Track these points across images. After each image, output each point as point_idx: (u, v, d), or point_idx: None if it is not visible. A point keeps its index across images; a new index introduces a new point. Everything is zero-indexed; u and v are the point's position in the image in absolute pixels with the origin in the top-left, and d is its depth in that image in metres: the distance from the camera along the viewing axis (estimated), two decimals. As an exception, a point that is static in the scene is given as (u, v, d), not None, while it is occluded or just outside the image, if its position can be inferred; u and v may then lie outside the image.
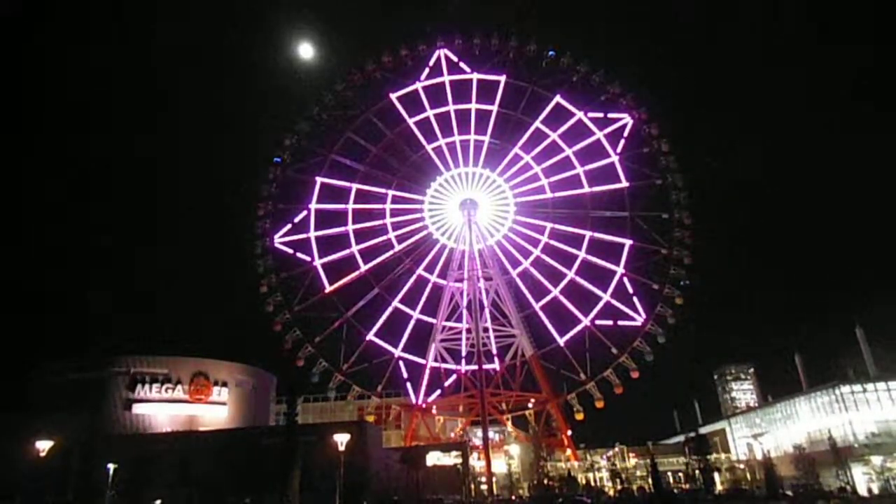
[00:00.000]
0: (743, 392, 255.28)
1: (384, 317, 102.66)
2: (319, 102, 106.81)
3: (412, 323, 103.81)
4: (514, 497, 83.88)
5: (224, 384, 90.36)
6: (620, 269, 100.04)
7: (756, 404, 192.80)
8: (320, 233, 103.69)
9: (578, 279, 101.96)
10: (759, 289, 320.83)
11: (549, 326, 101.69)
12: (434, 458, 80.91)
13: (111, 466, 64.65)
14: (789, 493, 73.12)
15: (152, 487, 66.03)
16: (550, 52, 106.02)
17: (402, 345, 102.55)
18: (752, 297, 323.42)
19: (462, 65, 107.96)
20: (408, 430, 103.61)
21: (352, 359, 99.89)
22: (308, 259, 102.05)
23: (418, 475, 71.94)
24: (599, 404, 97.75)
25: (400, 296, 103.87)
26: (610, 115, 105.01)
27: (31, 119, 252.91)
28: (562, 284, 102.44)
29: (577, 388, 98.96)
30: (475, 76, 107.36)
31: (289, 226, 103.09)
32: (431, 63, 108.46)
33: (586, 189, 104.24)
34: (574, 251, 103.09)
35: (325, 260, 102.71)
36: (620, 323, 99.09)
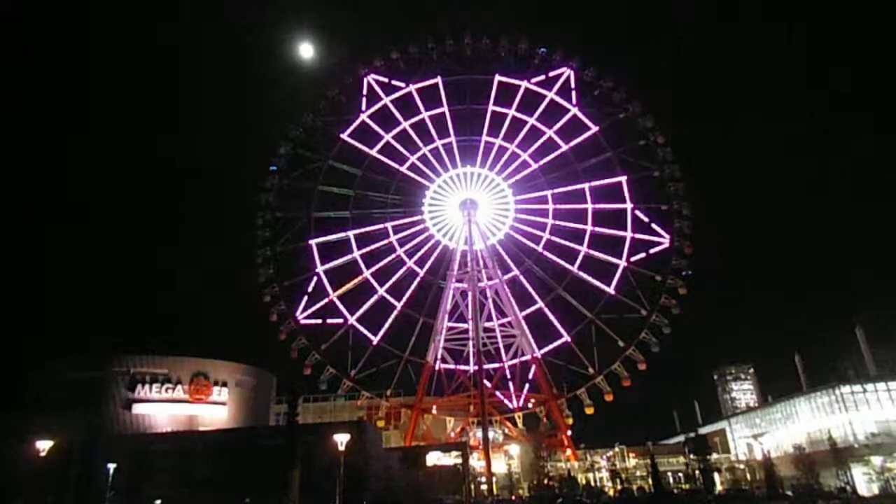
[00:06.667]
0: (743, 392, 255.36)
1: (390, 320, 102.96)
2: (313, 109, 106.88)
3: (419, 325, 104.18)
4: (514, 497, 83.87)
5: (224, 384, 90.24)
6: (623, 263, 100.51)
7: (756, 404, 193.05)
8: (321, 239, 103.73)
9: (581, 274, 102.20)
10: (759, 289, 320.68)
11: (556, 322, 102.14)
12: (434, 458, 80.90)
13: (111, 466, 64.67)
14: (789, 493, 73.22)
15: (152, 487, 66.03)
16: (542, 50, 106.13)
17: (409, 347, 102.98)
18: (752, 297, 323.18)
19: (455, 65, 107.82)
20: (408, 430, 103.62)
21: (360, 364, 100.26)
22: (310, 266, 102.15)
23: (418, 475, 72.00)
24: (609, 398, 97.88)
25: (405, 299, 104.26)
26: (604, 110, 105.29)
27: (32, 119, 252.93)
28: (565, 281, 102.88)
29: (584, 382, 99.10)
30: (468, 76, 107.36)
31: (289, 234, 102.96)
32: (423, 65, 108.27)
33: (585, 184, 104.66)
34: (576, 247, 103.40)
35: (327, 266, 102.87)
36: (625, 315, 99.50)
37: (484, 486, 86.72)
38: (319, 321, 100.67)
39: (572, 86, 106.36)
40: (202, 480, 66.31)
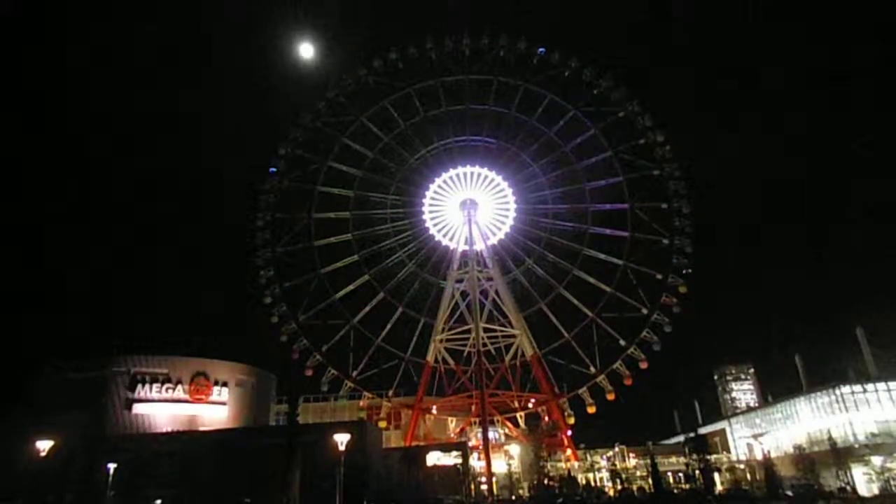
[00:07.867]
0: (743, 392, 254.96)
1: (392, 322, 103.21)
2: (313, 110, 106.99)
3: (420, 325, 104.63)
4: (514, 497, 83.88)
5: (224, 384, 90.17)
6: (623, 262, 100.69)
7: (756, 404, 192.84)
8: (322, 241, 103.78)
9: (582, 274, 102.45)
10: (760, 289, 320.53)
11: (556, 322, 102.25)
12: (434, 458, 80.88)
13: (111, 466, 64.71)
14: (789, 493, 73.18)
15: (152, 487, 66.06)
16: (540, 50, 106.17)
17: (410, 348, 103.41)
18: (752, 297, 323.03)
19: (453, 65, 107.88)
20: (408, 430, 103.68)
21: (361, 365, 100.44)
22: (311, 268, 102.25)
23: (419, 475, 72.02)
24: (611, 396, 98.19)
25: (405, 300, 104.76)
26: (603, 109, 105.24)
27: (32, 119, 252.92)
28: (565, 280, 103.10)
29: (585, 382, 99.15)
30: (467, 77, 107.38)
31: (289, 236, 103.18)
32: (422, 66, 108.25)
33: (585, 184, 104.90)
34: (576, 246, 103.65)
35: (329, 268, 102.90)
36: (626, 314, 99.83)
37: (484, 486, 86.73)
38: (321, 323, 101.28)
39: (571, 87, 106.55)
40: (202, 480, 66.32)
